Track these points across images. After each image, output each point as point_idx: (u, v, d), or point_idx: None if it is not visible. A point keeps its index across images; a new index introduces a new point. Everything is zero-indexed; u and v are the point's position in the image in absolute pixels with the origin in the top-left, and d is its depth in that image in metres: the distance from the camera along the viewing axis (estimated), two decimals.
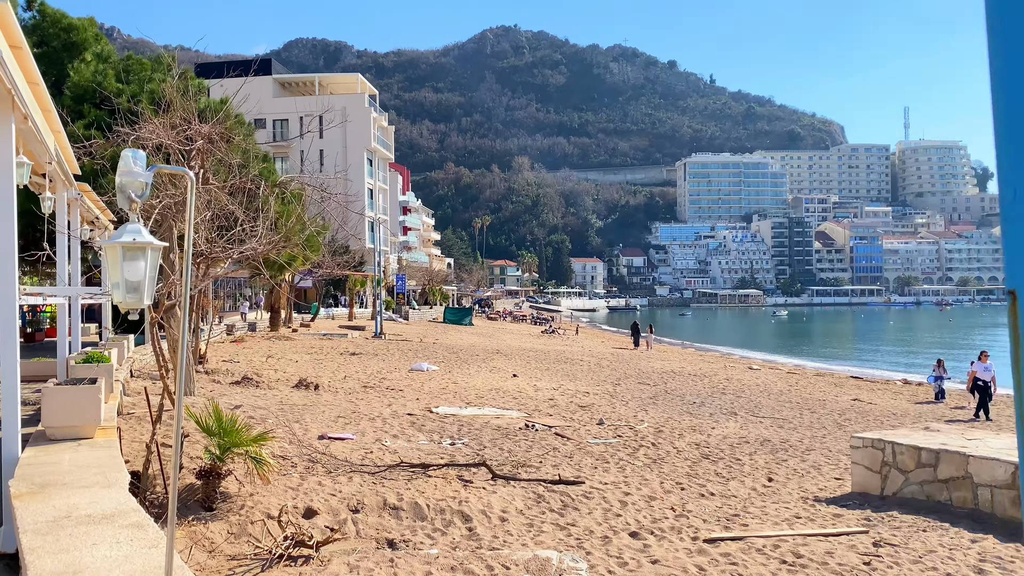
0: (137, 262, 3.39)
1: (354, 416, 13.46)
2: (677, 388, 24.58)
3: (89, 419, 6.93)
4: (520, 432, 13.07)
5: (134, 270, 3.41)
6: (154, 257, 3.39)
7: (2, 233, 6.26)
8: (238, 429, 7.83)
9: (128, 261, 3.42)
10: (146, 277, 3.36)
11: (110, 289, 3.20)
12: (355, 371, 22.61)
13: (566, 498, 9.00)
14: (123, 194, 3.33)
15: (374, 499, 8.36)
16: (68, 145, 9.94)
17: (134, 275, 3.42)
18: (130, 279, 3.42)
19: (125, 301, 3.51)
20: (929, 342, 70.07)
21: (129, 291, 3.44)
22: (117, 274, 3.42)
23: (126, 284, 3.41)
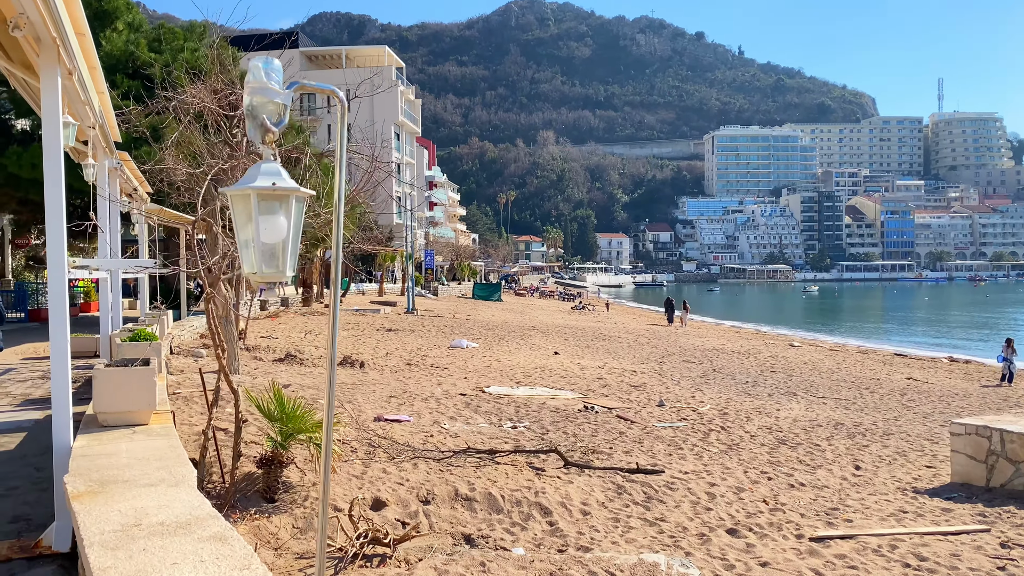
0: (276, 217, 2.55)
1: (406, 396, 12.86)
2: (724, 366, 23.79)
3: (144, 404, 6.34)
4: (580, 414, 12.41)
5: (272, 228, 2.54)
6: (299, 210, 2.62)
7: (51, 201, 5.64)
8: (301, 414, 7.22)
9: (265, 215, 2.56)
10: (289, 238, 2.58)
11: (237, 254, 2.48)
12: (395, 348, 22.06)
13: (648, 489, 8.33)
14: (253, 120, 2.63)
15: (444, 489, 7.74)
16: (111, 108, 9.31)
17: (272, 234, 2.55)
18: (267, 240, 2.54)
19: (261, 272, 2.61)
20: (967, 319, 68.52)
21: (265, 258, 2.58)
22: (248, 233, 2.60)
23: (261, 249, 2.56)
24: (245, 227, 2.49)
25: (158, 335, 11.66)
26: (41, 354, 18.28)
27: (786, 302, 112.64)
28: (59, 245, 5.66)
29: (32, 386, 13.44)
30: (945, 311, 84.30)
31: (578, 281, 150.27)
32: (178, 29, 26.00)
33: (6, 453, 8.55)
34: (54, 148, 5.68)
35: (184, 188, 14.51)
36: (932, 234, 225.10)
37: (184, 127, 12.25)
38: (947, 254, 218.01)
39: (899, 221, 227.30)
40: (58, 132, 5.68)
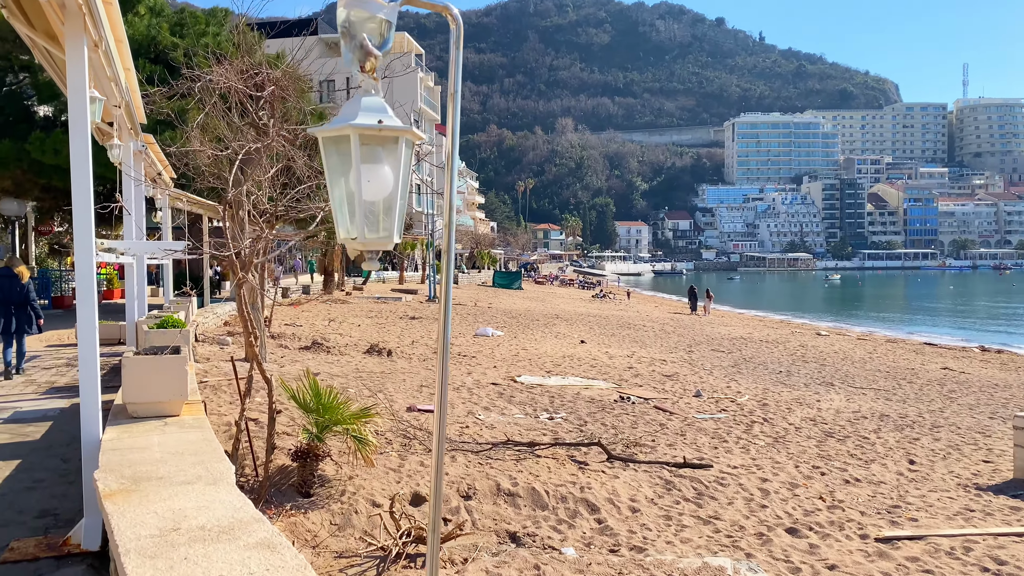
0: (380, 166, 1.99)
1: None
2: (755, 356, 23.30)
3: (175, 394, 6.02)
4: (617, 405, 12.02)
5: (377, 180, 1.98)
6: (408, 158, 2.10)
7: (78, 181, 5.31)
8: (337, 405, 6.88)
9: (369, 164, 1.98)
10: (397, 192, 2.04)
11: (332, 215, 2.02)
12: (420, 336, 21.75)
13: (698, 484, 7.93)
14: (350, 40, 2.08)
15: (485, 483, 7.39)
16: (137, 87, 8.99)
17: (377, 188, 1.99)
18: (369, 197, 1.98)
19: (363, 237, 2.02)
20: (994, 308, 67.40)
21: (369, 219, 2.01)
22: (344, 187, 2.03)
23: (363, 208, 1.98)
24: (340, 180, 1.98)
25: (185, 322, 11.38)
26: (65, 341, 18.13)
27: (808, 291, 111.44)
28: (87, 228, 5.34)
29: (57, 374, 13.25)
30: (971, 300, 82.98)
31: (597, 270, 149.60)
32: (200, 13, 25.72)
33: (32, 443, 8.31)
34: (81, 124, 5.35)
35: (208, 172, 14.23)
36: (956, 222, 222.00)
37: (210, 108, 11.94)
38: (971, 242, 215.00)
39: (922, 209, 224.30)
40: (85, 106, 5.35)
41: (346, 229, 2.02)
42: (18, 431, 8.88)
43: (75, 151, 5.29)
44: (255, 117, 12.73)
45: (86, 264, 5.36)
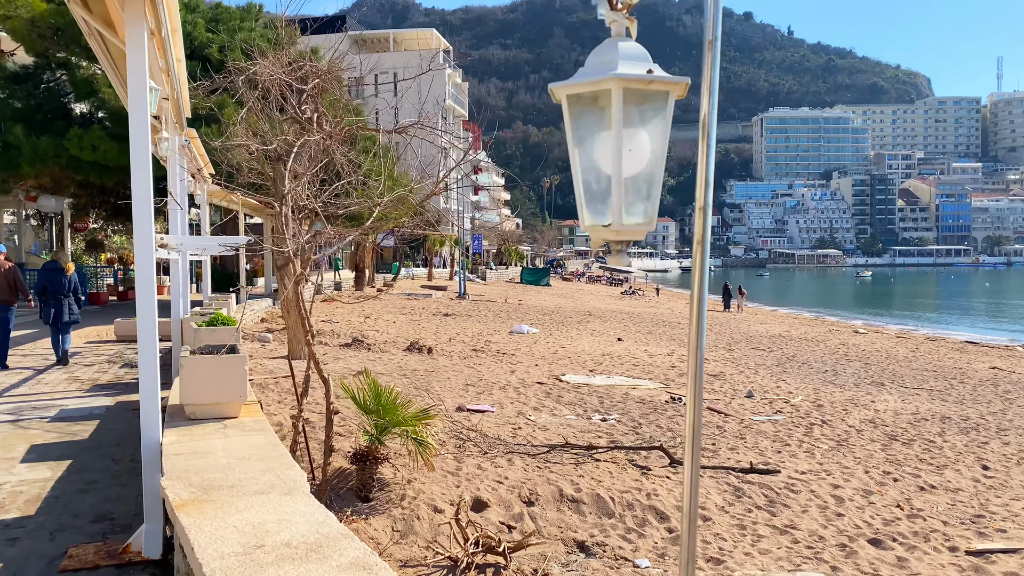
0: (641, 131, 1.66)
1: (482, 384, 12.25)
2: (797, 354, 22.81)
3: (235, 395, 5.80)
4: (668, 406, 11.67)
5: (639, 149, 1.63)
6: (667, 121, 1.76)
7: (138, 173, 5.09)
8: (397, 406, 6.63)
9: (630, 128, 1.62)
10: (662, 164, 1.76)
11: (581, 192, 1.62)
12: (456, 333, 21.52)
13: (768, 491, 7.59)
14: None
15: (547, 489, 7.10)
16: (186, 79, 8.80)
17: (637, 159, 1.65)
18: (631, 171, 1.63)
19: (619, 222, 1.66)
20: None
21: (628, 198, 1.66)
22: (595, 158, 1.66)
23: (622, 185, 1.60)
24: (588, 149, 1.61)
25: None
26: (104, 337, 18.12)
27: (839, 288, 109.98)
28: (146, 223, 5.12)
29: (99, 371, 13.17)
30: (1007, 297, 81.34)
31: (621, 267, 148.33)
32: (235, 9, 25.66)
33: (81, 443, 8.15)
34: (140, 114, 5.13)
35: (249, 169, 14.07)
36: (990, 218, 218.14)
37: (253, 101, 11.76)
38: (1006, 238, 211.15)
39: (955, 204, 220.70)
40: (144, 96, 5.13)
41: (594, 213, 1.66)
42: (66, 430, 8.75)
43: (135, 143, 5.07)
44: (297, 111, 12.55)
45: (146, 262, 5.15)
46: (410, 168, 26.67)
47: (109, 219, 34.21)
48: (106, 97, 22.24)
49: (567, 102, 1.73)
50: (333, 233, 7.98)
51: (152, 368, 5.16)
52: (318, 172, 14.01)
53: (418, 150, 19.25)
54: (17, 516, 5.88)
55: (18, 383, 11.84)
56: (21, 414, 9.54)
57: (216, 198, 20.89)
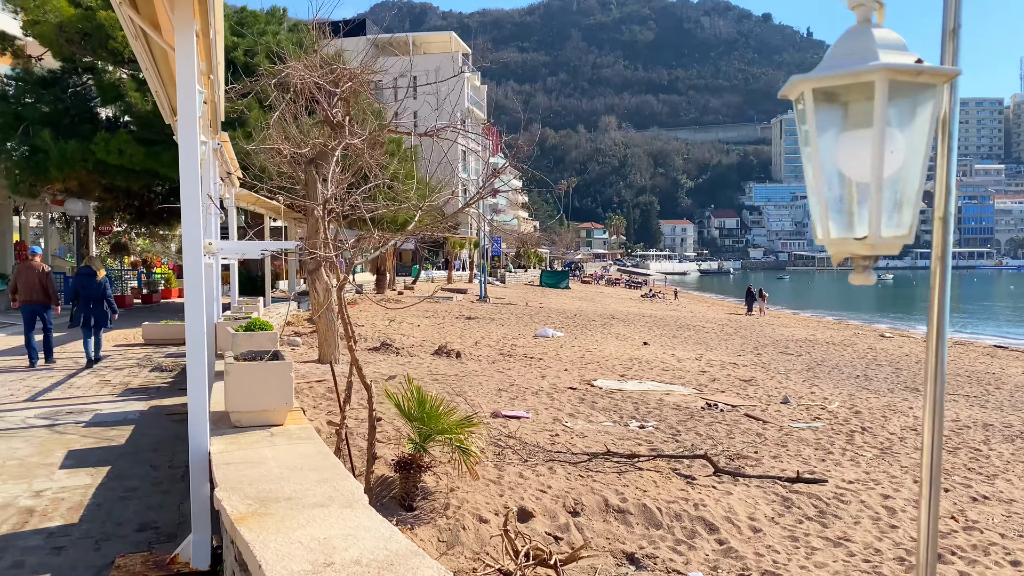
0: (900, 131, 1.46)
1: (514, 389, 12.12)
2: (825, 358, 22.51)
3: (281, 402, 5.70)
4: (706, 413, 11.48)
5: (899, 149, 1.47)
6: (932, 119, 1.51)
7: (187, 177, 5.00)
8: (441, 413, 6.51)
9: (893, 127, 1.44)
10: (924, 164, 1.55)
11: (823, 201, 1.44)
12: (481, 336, 21.42)
13: (817, 502, 7.40)
14: None
15: (592, 498, 6.96)
16: (223, 82, 8.73)
17: (897, 160, 1.48)
18: (892, 175, 1.48)
19: (877, 235, 1.52)
20: None
21: (887, 206, 1.51)
22: (846, 159, 1.48)
23: (883, 191, 1.46)
24: (841, 150, 1.45)
25: None
26: (131, 341, 18.16)
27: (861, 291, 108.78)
28: (195, 226, 5.03)
29: (129, 374, 13.16)
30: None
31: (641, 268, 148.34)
32: (260, 13, 25.72)
33: (118, 448, 8.10)
34: (190, 118, 5.05)
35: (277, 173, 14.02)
36: (1013, 220, 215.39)
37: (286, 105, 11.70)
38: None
39: (977, 207, 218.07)
40: (194, 99, 5.05)
41: (841, 226, 1.49)
42: (102, 435, 8.70)
43: (184, 146, 4.98)
44: (330, 114, 12.49)
45: (195, 265, 5.06)
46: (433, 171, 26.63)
47: (133, 222, 34.42)
48: (132, 101, 22.33)
49: (811, 97, 1.57)
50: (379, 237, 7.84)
51: (200, 376, 5.07)
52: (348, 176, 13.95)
53: (439, 153, 19.20)
54: (61, 524, 5.82)
55: (51, 387, 11.85)
56: (56, 419, 9.51)
57: (243, 202, 20.91)
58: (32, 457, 7.67)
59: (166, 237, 40.35)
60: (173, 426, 9.24)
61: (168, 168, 23.39)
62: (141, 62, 6.89)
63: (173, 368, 13.88)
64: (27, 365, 13.29)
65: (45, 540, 5.48)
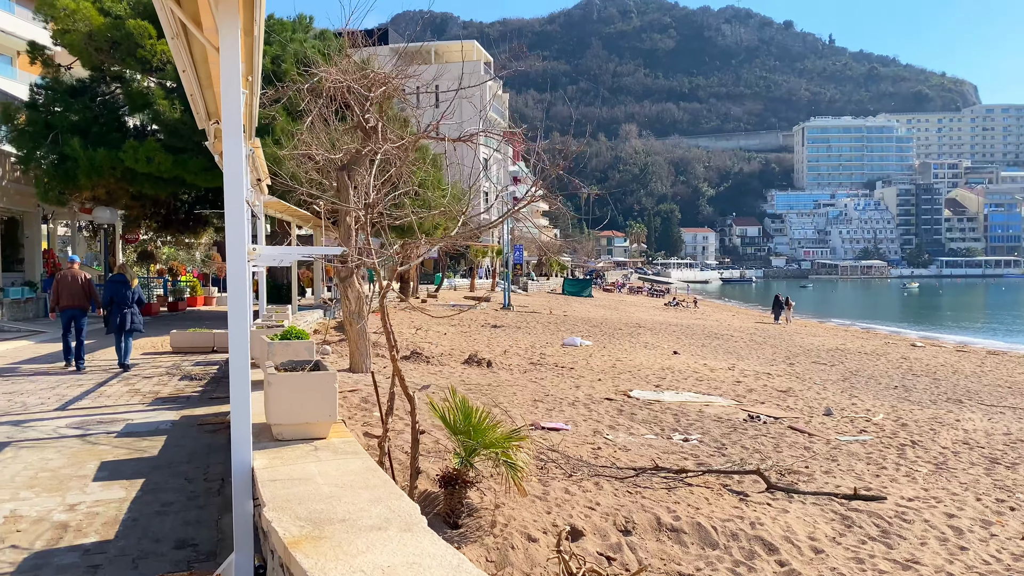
0: None
1: (550, 400, 11.84)
2: (860, 368, 22.03)
3: (325, 415, 5.46)
4: (749, 425, 11.14)
5: None
6: None
7: (231, 182, 4.79)
8: (487, 426, 6.25)
9: None
10: None
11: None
12: (508, 345, 21.15)
13: (878, 520, 7.05)
14: None
15: (643, 516, 6.66)
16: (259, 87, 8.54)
17: None
18: None
19: None
20: None
21: None
22: None
23: None
24: None
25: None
26: (159, 349, 18.07)
27: (886, 299, 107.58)
28: (240, 231, 4.81)
29: (159, 383, 13.02)
30: None
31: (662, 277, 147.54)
32: (287, 21, 25.72)
33: (151, 460, 7.90)
34: (234, 121, 4.83)
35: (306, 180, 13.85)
36: None
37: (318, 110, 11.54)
38: None
39: (1004, 215, 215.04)
40: (238, 100, 4.85)
41: None
42: (134, 446, 8.52)
43: (229, 150, 4.77)
44: (362, 119, 12.31)
45: (239, 271, 4.83)
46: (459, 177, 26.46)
47: (159, 230, 34.52)
48: (161, 109, 22.34)
49: None
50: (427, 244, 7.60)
51: (244, 388, 4.84)
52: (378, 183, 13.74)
53: (463, 160, 18.99)
54: (96, 540, 5.61)
55: (81, 395, 11.73)
56: (88, 428, 9.36)
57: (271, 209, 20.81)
58: (65, 469, 7.49)
59: (191, 245, 40.44)
60: (206, 437, 9.04)
61: (195, 176, 23.39)
62: (179, 62, 6.71)
63: (202, 377, 13.74)
64: (62, 366, 14.00)
65: (81, 558, 5.27)
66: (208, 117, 8.24)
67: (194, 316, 27.92)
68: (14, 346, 18.03)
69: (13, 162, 25.12)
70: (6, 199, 24.79)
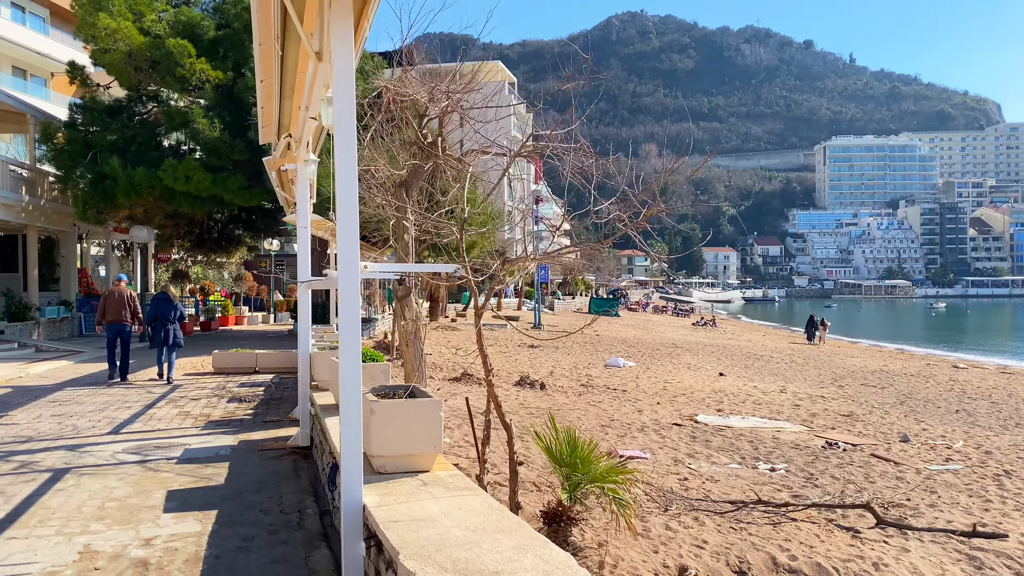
0: None
1: (616, 425, 11.36)
2: (913, 391, 21.34)
3: (429, 445, 5.04)
4: (831, 453, 10.59)
5: None
6: None
7: (344, 194, 4.40)
8: (594, 459, 5.80)
9: None
10: None
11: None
12: (552, 366, 20.68)
13: (1008, 561, 6.50)
14: None
15: (756, 556, 6.16)
16: None
17: None
18: None
19: None
20: None
21: None
22: None
23: None
24: None
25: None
26: (200, 369, 17.75)
27: (914, 319, 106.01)
28: (352, 244, 4.42)
29: (208, 405, 12.68)
30: None
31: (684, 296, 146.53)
32: None
33: (219, 490, 7.50)
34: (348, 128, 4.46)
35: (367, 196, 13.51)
36: None
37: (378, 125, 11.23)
38: None
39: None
40: (351, 105, 4.46)
41: None
42: (198, 473, 8.13)
43: (342, 158, 4.39)
44: (419, 136, 11.99)
45: (351, 288, 4.45)
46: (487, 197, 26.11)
47: (191, 250, 34.46)
48: (200, 128, 22.22)
49: None
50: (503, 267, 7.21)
51: (355, 419, 4.43)
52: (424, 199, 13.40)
53: (491, 177, 18.64)
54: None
55: (131, 418, 11.40)
56: (146, 454, 9.00)
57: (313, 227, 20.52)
58: (132, 498, 7.11)
59: (221, 265, 40.38)
60: (269, 463, 8.65)
61: (233, 195, 23.22)
62: (261, 71, 6.40)
63: (251, 399, 13.39)
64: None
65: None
66: (279, 131, 7.91)
67: (228, 336, 27.67)
68: (54, 366, 17.82)
69: (51, 181, 25.11)
70: (44, 219, 24.74)
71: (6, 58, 34.62)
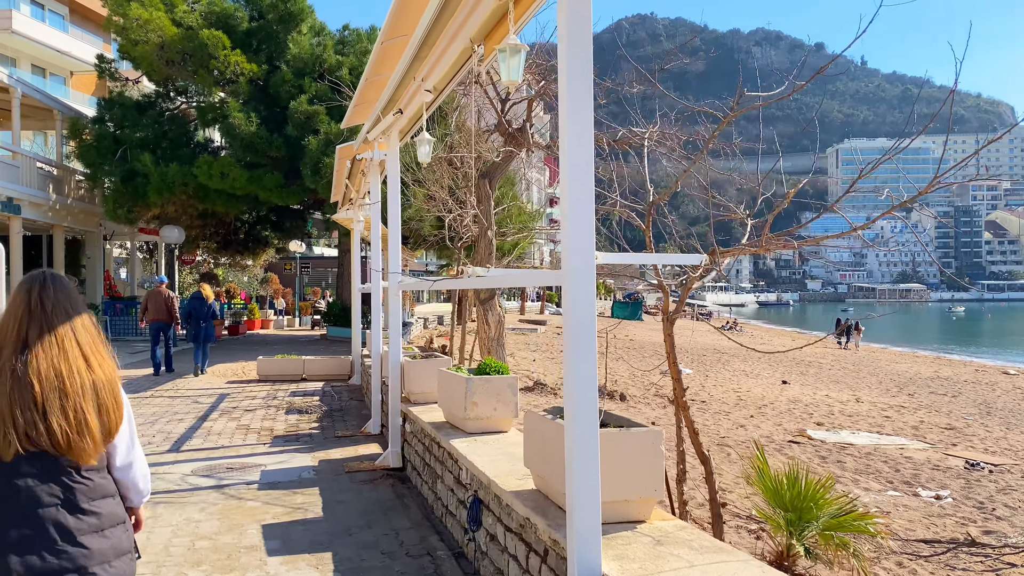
0: None
1: (732, 443, 10.22)
2: (988, 400, 20.17)
3: (649, 489, 3.91)
4: (979, 475, 9.43)
5: None
6: None
7: (576, 179, 3.29)
8: (823, 500, 4.66)
9: None
10: None
11: None
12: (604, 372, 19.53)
13: None
14: None
15: None
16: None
17: None
18: None
19: None
20: None
21: None
22: None
23: None
24: None
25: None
26: (241, 376, 16.67)
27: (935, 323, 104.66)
28: (588, 236, 3.31)
29: (267, 418, 11.59)
30: None
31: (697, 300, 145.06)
32: (362, 31, 24.57)
33: (321, 524, 6.37)
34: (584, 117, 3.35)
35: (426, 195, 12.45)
36: None
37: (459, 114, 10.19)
38: None
39: None
40: (589, 89, 3.35)
41: None
42: (288, 502, 7.04)
43: (570, 156, 3.28)
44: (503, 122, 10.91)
45: (586, 285, 3.34)
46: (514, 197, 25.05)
47: (217, 251, 33.45)
48: (235, 123, 21.17)
49: None
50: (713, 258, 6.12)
51: (591, 461, 3.33)
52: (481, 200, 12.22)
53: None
54: None
55: (188, 433, 10.35)
56: (220, 477, 7.91)
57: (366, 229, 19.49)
58: (223, 535, 6.02)
59: (246, 267, 39.37)
60: (364, 489, 7.54)
61: (269, 192, 22.13)
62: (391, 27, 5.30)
63: (309, 410, 12.31)
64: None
65: None
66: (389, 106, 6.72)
67: (257, 340, 26.58)
68: None
69: (78, 180, 24.12)
70: (70, 218, 23.72)
71: (26, 56, 33.69)
